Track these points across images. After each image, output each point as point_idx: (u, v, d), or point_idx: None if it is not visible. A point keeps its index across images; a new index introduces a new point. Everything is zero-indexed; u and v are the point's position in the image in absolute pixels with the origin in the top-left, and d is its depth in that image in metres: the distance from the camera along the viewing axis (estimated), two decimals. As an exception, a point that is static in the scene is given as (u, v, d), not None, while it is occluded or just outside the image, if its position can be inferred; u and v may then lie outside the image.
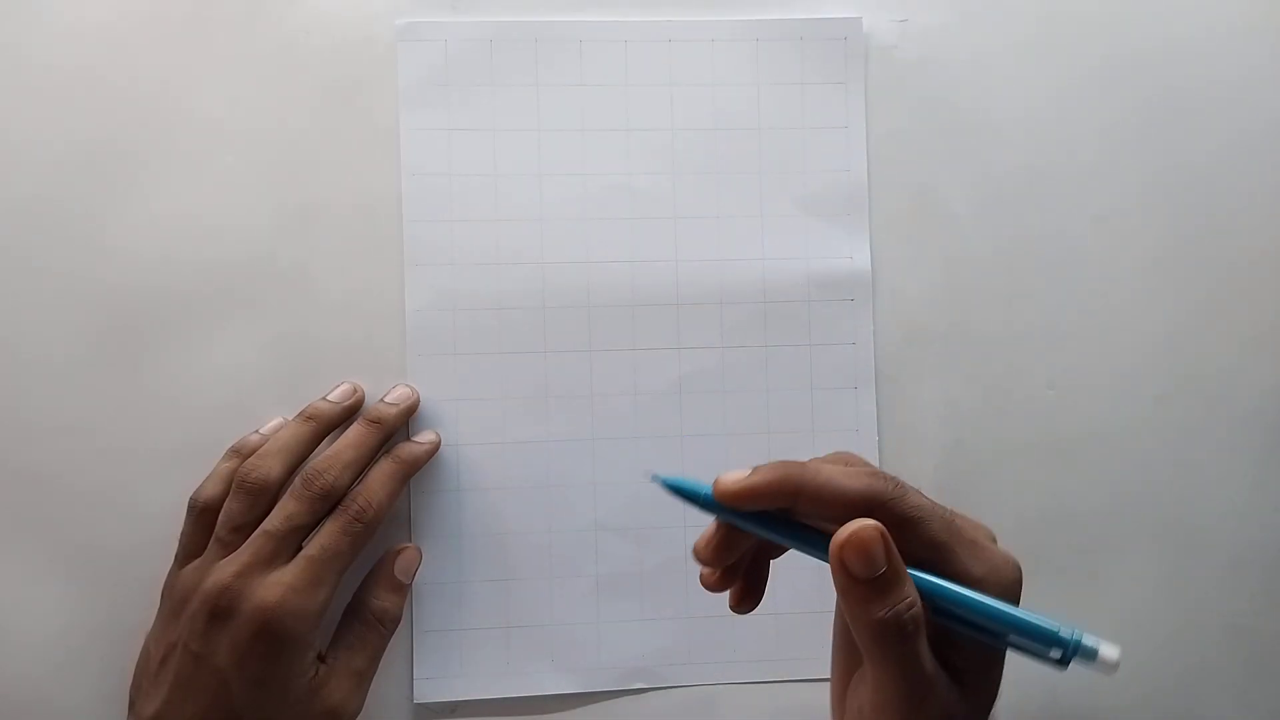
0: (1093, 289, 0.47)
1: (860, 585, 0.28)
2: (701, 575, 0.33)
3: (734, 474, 0.31)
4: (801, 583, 0.39)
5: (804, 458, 0.38)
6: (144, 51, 0.44)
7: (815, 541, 0.31)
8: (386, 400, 0.44)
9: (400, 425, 0.44)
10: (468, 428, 0.45)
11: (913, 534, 0.30)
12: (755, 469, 0.31)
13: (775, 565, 0.45)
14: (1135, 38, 0.48)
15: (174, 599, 0.40)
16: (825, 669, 0.38)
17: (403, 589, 0.44)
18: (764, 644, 0.46)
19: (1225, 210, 0.48)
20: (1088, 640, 0.28)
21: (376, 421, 0.43)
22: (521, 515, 0.45)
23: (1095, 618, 0.47)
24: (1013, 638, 0.29)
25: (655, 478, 0.32)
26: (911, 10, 0.47)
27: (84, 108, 0.44)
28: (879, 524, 0.28)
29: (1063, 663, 0.28)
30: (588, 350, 0.46)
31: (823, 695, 0.39)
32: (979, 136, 0.47)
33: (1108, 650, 0.28)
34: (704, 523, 0.33)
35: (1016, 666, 0.47)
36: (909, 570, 0.29)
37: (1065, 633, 0.28)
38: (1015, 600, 0.30)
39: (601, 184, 0.46)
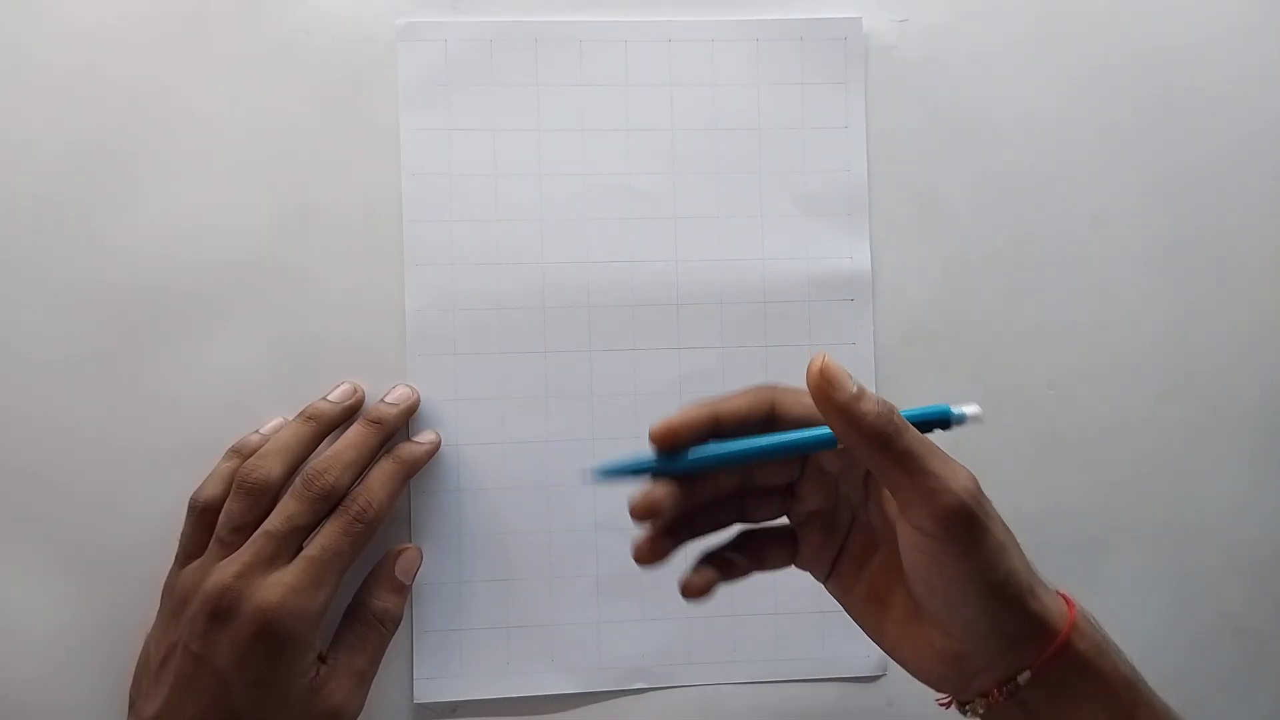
0: (1093, 289, 0.47)
1: (846, 402, 0.31)
2: (640, 547, 0.35)
3: (689, 409, 0.34)
4: (801, 583, 0.39)
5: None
6: (144, 51, 0.44)
7: (764, 448, 0.33)
8: (387, 400, 0.44)
9: (400, 425, 0.44)
10: (468, 428, 0.45)
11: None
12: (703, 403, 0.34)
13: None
14: (1135, 38, 0.48)
15: (174, 599, 0.40)
16: (826, 669, 0.38)
17: (403, 589, 0.44)
18: (764, 644, 0.46)
19: (1225, 210, 0.48)
20: (960, 411, 0.33)
21: (377, 422, 0.43)
22: (521, 515, 0.45)
23: (1095, 617, 0.47)
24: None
25: (596, 474, 0.34)
26: (911, 10, 0.47)
27: (84, 108, 0.44)
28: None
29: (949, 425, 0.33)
30: (588, 350, 0.46)
31: (823, 695, 0.39)
32: (979, 136, 0.47)
33: (971, 410, 0.33)
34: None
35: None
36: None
37: (954, 412, 0.33)
38: (959, 508, 0.32)
39: (601, 184, 0.46)
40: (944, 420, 0.33)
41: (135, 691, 0.41)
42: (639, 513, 0.33)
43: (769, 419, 0.34)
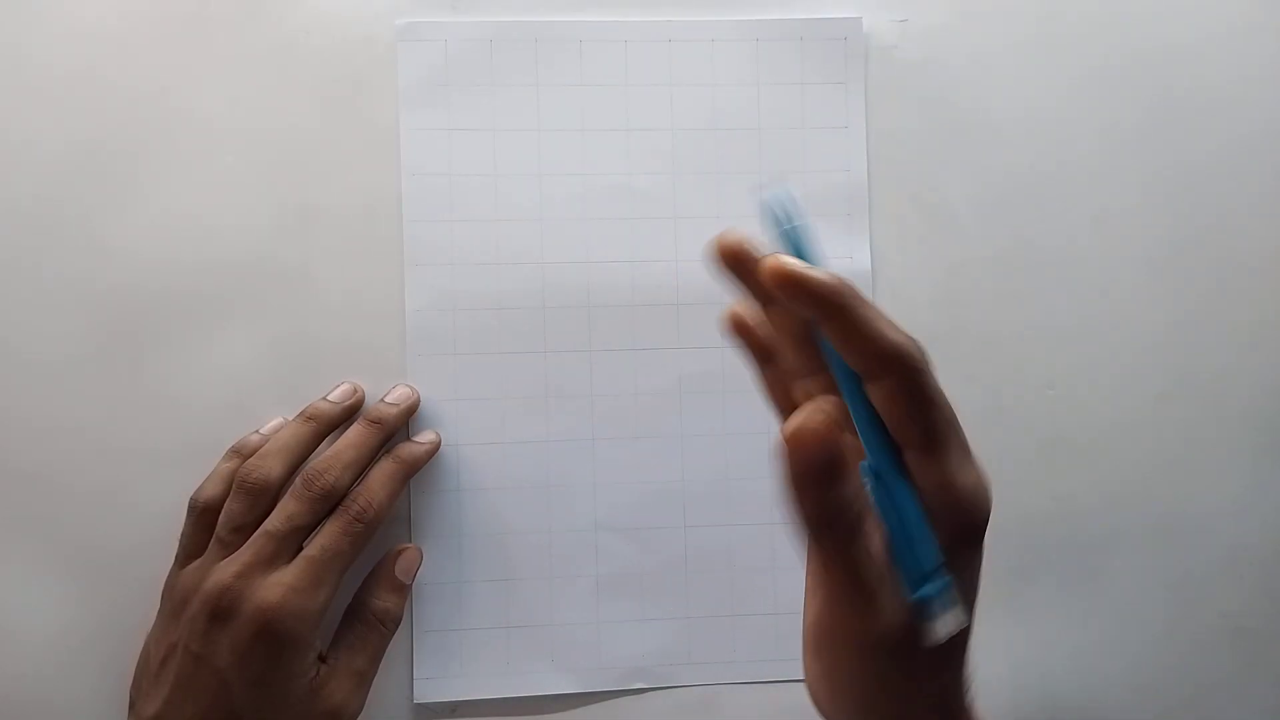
0: (1093, 289, 0.47)
1: (804, 476, 0.26)
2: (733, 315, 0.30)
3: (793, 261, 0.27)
4: (801, 583, 0.39)
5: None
6: (144, 51, 0.44)
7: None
8: (387, 400, 0.44)
9: (400, 425, 0.44)
10: (468, 428, 0.45)
11: (920, 414, 0.27)
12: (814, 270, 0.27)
13: (773, 565, 0.45)
14: (1135, 38, 0.48)
15: (174, 599, 0.40)
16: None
17: (404, 589, 0.44)
18: (764, 644, 0.46)
19: (1225, 210, 0.48)
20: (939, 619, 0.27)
21: (377, 422, 0.43)
22: (521, 515, 0.45)
23: (1095, 617, 0.47)
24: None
25: (768, 196, 0.28)
26: (911, 10, 0.47)
27: (84, 108, 0.44)
28: (831, 415, 0.25)
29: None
30: (588, 350, 0.46)
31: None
32: (979, 136, 0.47)
33: (941, 627, 0.27)
34: (703, 524, 0.33)
35: (1016, 666, 0.48)
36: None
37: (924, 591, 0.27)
38: (983, 525, 0.28)
39: (601, 184, 0.46)
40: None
41: (135, 691, 0.41)
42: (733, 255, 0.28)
43: None
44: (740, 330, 0.31)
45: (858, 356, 0.27)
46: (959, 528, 0.27)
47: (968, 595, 0.28)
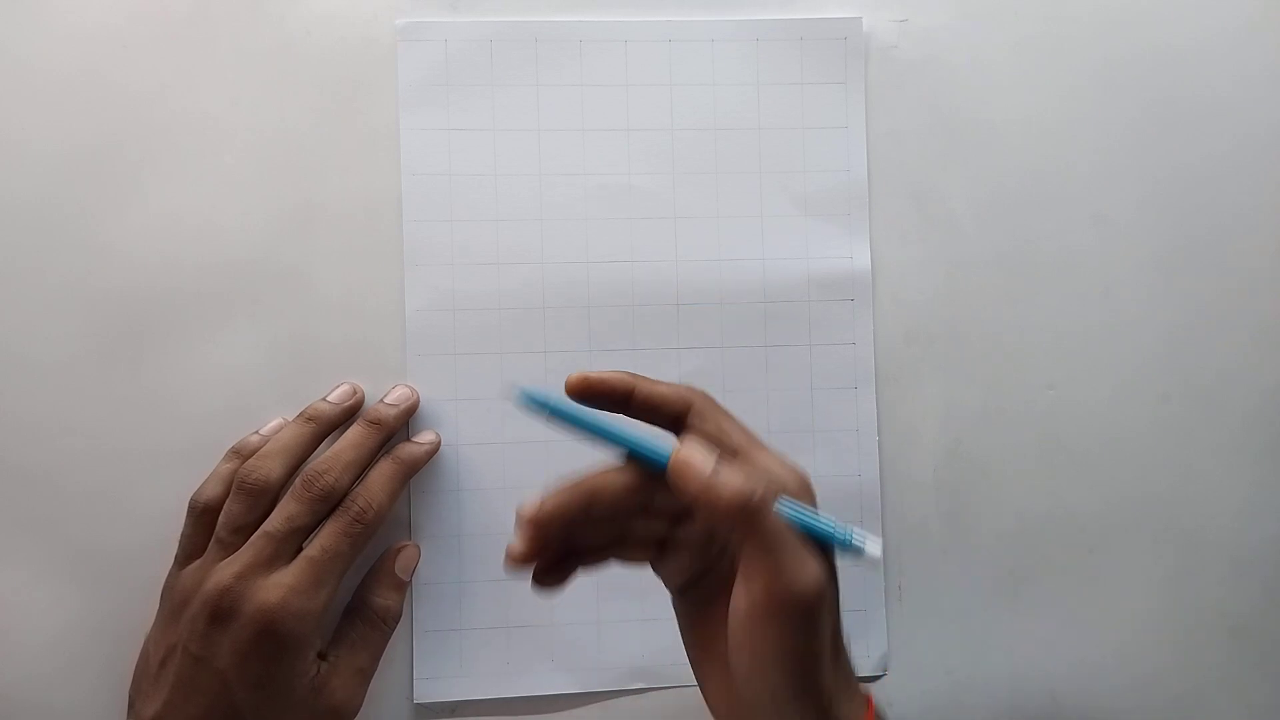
0: (1093, 290, 0.47)
1: (704, 484, 0.30)
2: (511, 550, 0.34)
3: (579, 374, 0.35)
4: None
5: (804, 458, 0.38)
6: (144, 52, 0.44)
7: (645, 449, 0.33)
8: (386, 401, 0.44)
9: (400, 426, 0.44)
10: (468, 428, 0.45)
11: (716, 441, 0.33)
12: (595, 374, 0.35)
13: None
14: (1135, 39, 0.48)
15: (174, 600, 0.40)
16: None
17: (403, 586, 0.44)
18: (764, 644, 0.46)
19: (1225, 210, 0.48)
20: (855, 539, 0.31)
21: (376, 422, 0.43)
22: (521, 515, 0.45)
23: (1095, 617, 0.47)
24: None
25: (521, 396, 0.35)
26: (911, 10, 0.47)
27: (84, 108, 0.44)
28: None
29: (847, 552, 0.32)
30: (588, 350, 0.46)
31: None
32: (979, 136, 0.47)
33: (872, 548, 0.31)
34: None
35: (1016, 666, 0.48)
36: None
37: (839, 533, 0.32)
38: (809, 500, 0.33)
39: (601, 184, 0.46)
40: (834, 540, 0.32)
41: (134, 692, 0.41)
42: (528, 525, 0.33)
43: (678, 419, 0.35)
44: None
45: (657, 414, 0.35)
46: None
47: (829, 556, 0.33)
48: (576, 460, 0.45)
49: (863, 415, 0.46)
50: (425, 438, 0.44)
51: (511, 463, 0.45)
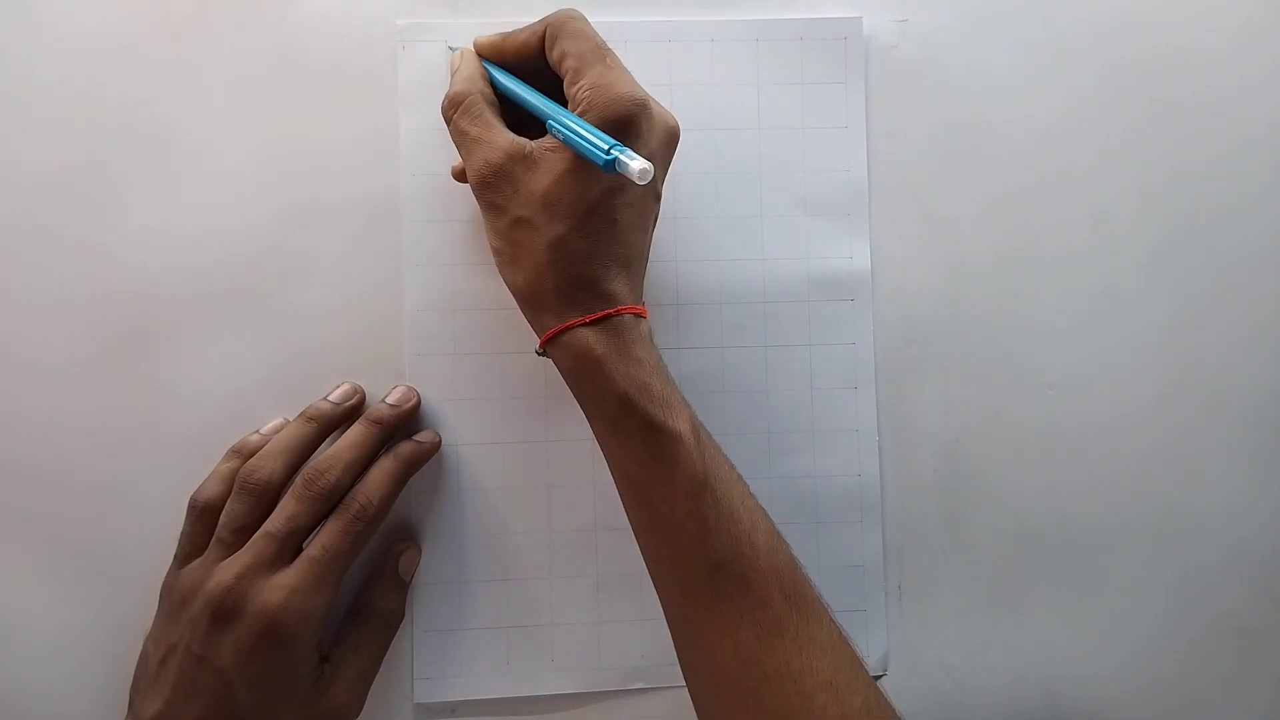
0: (1093, 289, 0.47)
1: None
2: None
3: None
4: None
5: (804, 458, 0.39)
6: (144, 52, 0.44)
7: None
8: (387, 401, 0.44)
9: (401, 426, 0.44)
10: (468, 428, 0.45)
11: (561, 55, 0.39)
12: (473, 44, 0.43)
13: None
14: (1135, 38, 0.48)
15: (174, 599, 0.40)
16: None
17: (405, 587, 0.44)
18: (764, 644, 0.46)
19: (1224, 210, 0.48)
20: (620, 161, 0.34)
21: (378, 422, 0.43)
22: (521, 515, 0.45)
23: (1095, 617, 0.47)
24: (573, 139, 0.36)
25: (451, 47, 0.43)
26: (911, 10, 0.47)
27: (84, 108, 0.44)
28: (469, 51, 0.42)
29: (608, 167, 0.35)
30: (588, 350, 0.46)
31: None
32: (979, 136, 0.47)
33: (636, 165, 0.34)
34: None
35: (1016, 666, 0.47)
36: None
37: (609, 155, 0.35)
38: (621, 118, 0.36)
39: (601, 184, 0.46)
40: (595, 160, 0.35)
41: (134, 691, 0.41)
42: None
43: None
44: None
45: (528, 57, 0.41)
46: (615, 118, 0.36)
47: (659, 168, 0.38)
48: (576, 459, 0.45)
49: (863, 415, 0.46)
50: (425, 437, 0.44)
51: (511, 463, 0.45)
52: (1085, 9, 0.48)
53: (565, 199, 0.37)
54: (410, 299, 0.45)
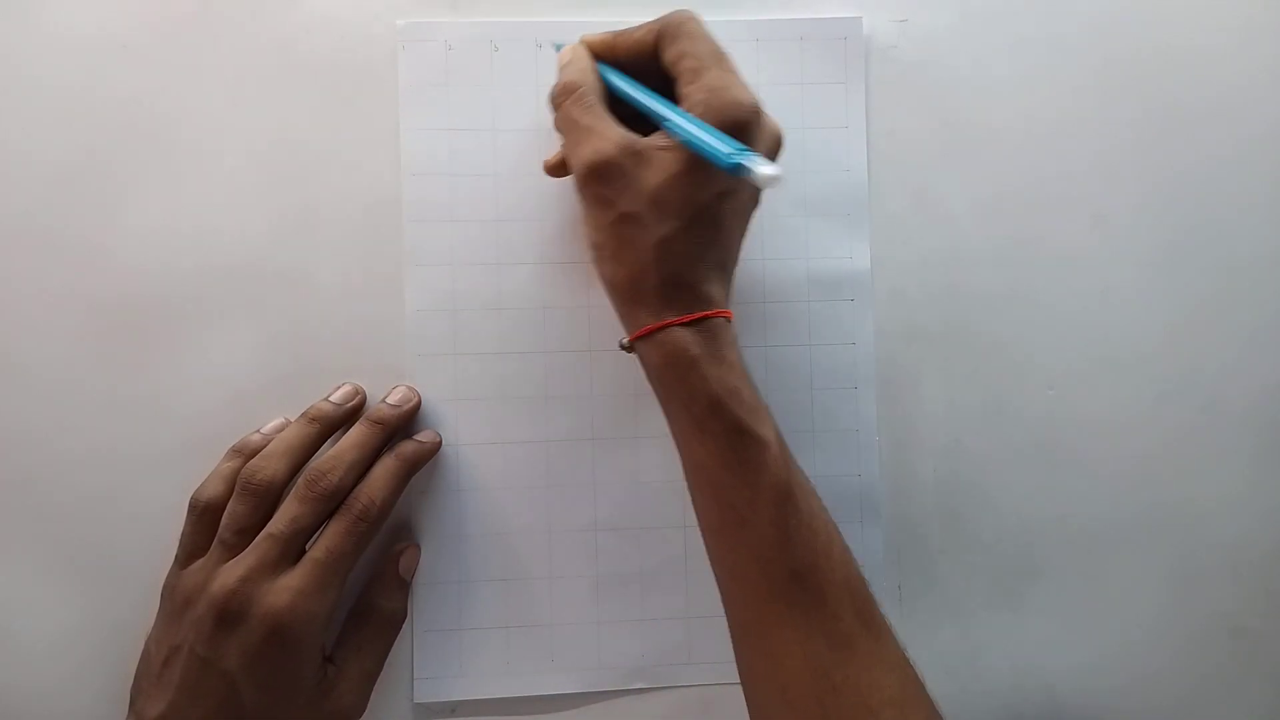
0: (1093, 289, 0.47)
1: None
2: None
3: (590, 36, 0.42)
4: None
5: (804, 458, 0.39)
6: (144, 52, 0.44)
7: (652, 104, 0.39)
8: (388, 401, 0.44)
9: (402, 426, 0.44)
10: (468, 428, 0.45)
11: (678, 55, 0.38)
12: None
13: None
14: (1135, 38, 0.48)
15: (176, 600, 0.40)
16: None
17: (407, 587, 0.44)
18: (764, 644, 0.46)
19: (1224, 210, 0.48)
20: (749, 164, 0.33)
21: (379, 423, 0.43)
22: (521, 515, 0.45)
23: (1095, 617, 0.47)
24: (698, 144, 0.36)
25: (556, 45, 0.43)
26: (911, 10, 0.47)
27: (84, 109, 0.44)
28: (582, 45, 0.41)
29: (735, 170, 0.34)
30: (588, 350, 0.46)
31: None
32: (979, 136, 0.47)
33: (765, 170, 0.33)
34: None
35: (1016, 666, 0.47)
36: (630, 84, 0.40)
37: (735, 158, 0.34)
38: (737, 123, 0.36)
39: (601, 184, 0.46)
40: (718, 163, 0.34)
41: (136, 691, 0.41)
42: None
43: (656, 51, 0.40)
44: None
45: (639, 56, 0.40)
46: (731, 121, 0.36)
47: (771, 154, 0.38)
48: (577, 459, 0.45)
49: (863, 415, 0.46)
50: (426, 437, 0.44)
51: (511, 463, 0.45)
52: (1085, 9, 0.48)
53: (675, 199, 0.36)
54: (410, 299, 0.45)
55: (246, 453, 0.42)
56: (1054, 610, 0.47)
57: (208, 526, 0.41)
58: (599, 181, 0.37)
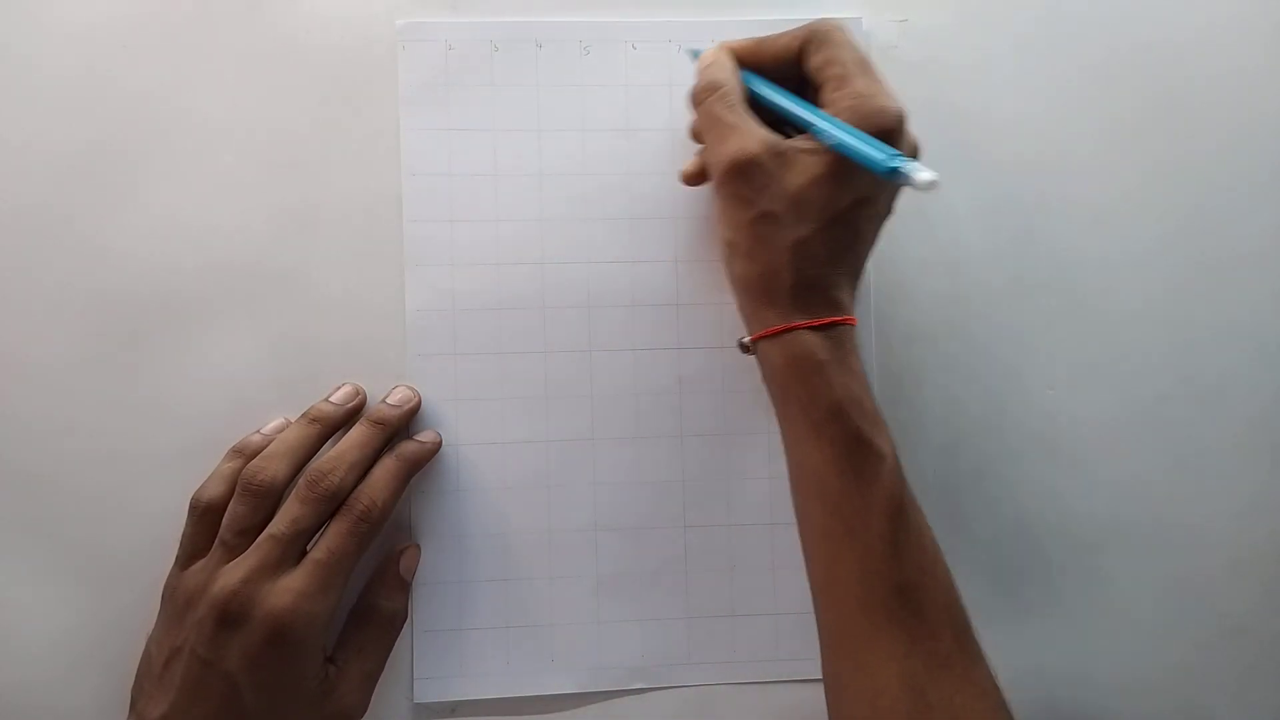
0: (1093, 289, 0.47)
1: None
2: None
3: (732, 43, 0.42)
4: (801, 583, 0.39)
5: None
6: (144, 52, 0.44)
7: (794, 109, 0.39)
8: (389, 401, 0.44)
9: (403, 426, 0.44)
10: (468, 428, 0.45)
11: (824, 62, 0.38)
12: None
13: (773, 565, 0.45)
14: (1135, 37, 0.48)
15: (177, 601, 0.40)
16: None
17: (407, 588, 0.44)
18: (764, 644, 0.46)
19: (1225, 209, 0.48)
20: (906, 169, 0.34)
21: (380, 423, 0.43)
22: (521, 515, 0.45)
23: (1095, 617, 0.47)
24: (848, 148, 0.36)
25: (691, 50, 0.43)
26: (911, 10, 0.47)
27: (83, 108, 0.44)
28: (724, 49, 0.41)
29: (891, 174, 0.34)
30: (588, 350, 0.46)
31: (823, 695, 0.39)
32: (979, 136, 0.47)
33: (924, 175, 0.34)
34: (703, 524, 0.33)
35: (1016, 666, 0.47)
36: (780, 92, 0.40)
37: (892, 162, 0.34)
38: (884, 130, 0.36)
39: (601, 184, 0.46)
40: (873, 167, 0.35)
41: (137, 692, 0.41)
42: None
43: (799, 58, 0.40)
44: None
45: (783, 62, 0.40)
46: (878, 128, 0.36)
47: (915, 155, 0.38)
48: (577, 459, 0.45)
49: (863, 415, 0.46)
50: (426, 437, 0.44)
51: (511, 463, 0.45)
52: (1085, 9, 0.48)
53: (816, 202, 0.37)
54: (410, 299, 0.45)
55: (247, 453, 0.42)
56: (1053, 611, 0.47)
57: (208, 527, 0.41)
58: (740, 179, 0.37)
